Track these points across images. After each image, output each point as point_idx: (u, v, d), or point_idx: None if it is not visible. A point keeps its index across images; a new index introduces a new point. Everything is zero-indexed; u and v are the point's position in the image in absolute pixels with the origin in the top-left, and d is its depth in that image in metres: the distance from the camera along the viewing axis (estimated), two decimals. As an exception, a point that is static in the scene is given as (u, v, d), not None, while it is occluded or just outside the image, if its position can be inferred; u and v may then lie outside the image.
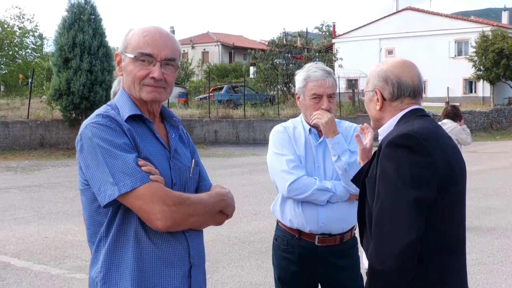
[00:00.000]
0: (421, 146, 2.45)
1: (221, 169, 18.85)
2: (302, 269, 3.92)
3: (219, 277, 7.40)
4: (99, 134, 2.39)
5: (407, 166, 2.42)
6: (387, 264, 2.38)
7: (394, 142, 2.49)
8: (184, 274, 2.56)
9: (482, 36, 47.92)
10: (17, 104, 30.59)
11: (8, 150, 23.07)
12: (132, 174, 2.35)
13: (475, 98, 52.36)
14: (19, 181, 16.32)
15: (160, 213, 2.36)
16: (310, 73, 3.92)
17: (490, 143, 32.01)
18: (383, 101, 2.75)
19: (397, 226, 2.37)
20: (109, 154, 2.36)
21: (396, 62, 2.79)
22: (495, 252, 8.58)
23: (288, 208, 3.93)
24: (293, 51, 43.57)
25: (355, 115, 34.68)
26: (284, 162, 3.84)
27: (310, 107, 3.90)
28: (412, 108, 2.72)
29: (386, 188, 2.45)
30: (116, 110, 2.54)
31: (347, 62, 46.28)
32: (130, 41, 2.57)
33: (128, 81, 2.58)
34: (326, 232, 3.86)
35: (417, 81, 2.75)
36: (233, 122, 29.34)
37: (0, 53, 30.88)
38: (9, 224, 10.61)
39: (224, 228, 10.13)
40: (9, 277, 7.43)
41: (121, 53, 2.60)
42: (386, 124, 2.76)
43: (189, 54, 70.52)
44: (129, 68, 2.56)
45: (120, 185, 2.33)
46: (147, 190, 2.35)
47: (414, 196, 2.38)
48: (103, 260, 2.44)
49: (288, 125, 4.08)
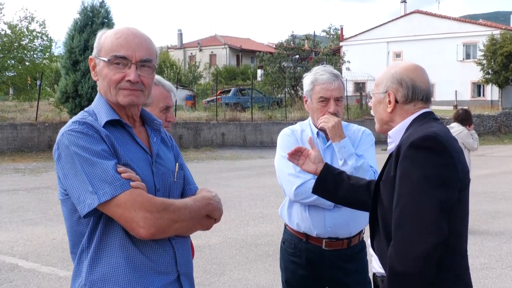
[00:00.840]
0: (444, 148, 2.46)
1: (228, 172, 18.85)
2: (309, 273, 3.91)
3: (226, 280, 7.40)
4: (76, 141, 2.31)
5: (431, 168, 2.43)
6: (409, 266, 2.37)
7: (416, 143, 2.48)
8: (172, 282, 2.48)
9: (491, 39, 47.76)
10: (25, 106, 30.72)
11: (16, 152, 23.13)
12: (112, 182, 2.26)
13: (484, 102, 52.21)
14: (27, 183, 16.37)
15: (142, 220, 2.27)
16: (317, 76, 3.90)
17: (498, 146, 31.92)
18: (395, 103, 2.76)
19: (421, 228, 2.38)
20: (87, 162, 2.28)
21: (409, 66, 2.80)
22: (504, 257, 8.54)
23: (295, 211, 3.92)
24: (300, 54, 43.57)
25: (362, 118, 34.63)
26: (291, 166, 3.80)
27: (317, 110, 3.90)
28: (424, 112, 2.73)
29: (409, 190, 2.44)
30: (94, 116, 2.46)
31: (355, 65, 46.25)
32: (103, 44, 2.49)
33: (104, 86, 2.49)
34: (333, 236, 3.84)
35: (429, 85, 2.78)
36: (241, 125, 29.34)
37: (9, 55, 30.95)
38: (17, 225, 10.64)
39: (231, 231, 10.14)
40: (17, 279, 7.45)
41: (95, 57, 2.52)
42: (398, 127, 2.76)
43: (197, 57, 70.59)
44: (104, 72, 2.48)
45: (99, 194, 2.25)
46: (128, 197, 2.27)
47: (440, 198, 2.39)
48: (87, 272, 2.35)
49: (296, 128, 4.07)
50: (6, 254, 8.67)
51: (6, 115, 25.89)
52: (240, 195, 14.21)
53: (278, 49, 43.91)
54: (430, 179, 2.41)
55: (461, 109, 10.81)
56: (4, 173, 18.41)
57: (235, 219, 11.16)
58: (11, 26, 30.64)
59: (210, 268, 7.93)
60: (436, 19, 58.50)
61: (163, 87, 3.39)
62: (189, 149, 26.51)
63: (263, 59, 43.08)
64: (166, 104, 3.39)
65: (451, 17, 59.83)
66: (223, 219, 10.33)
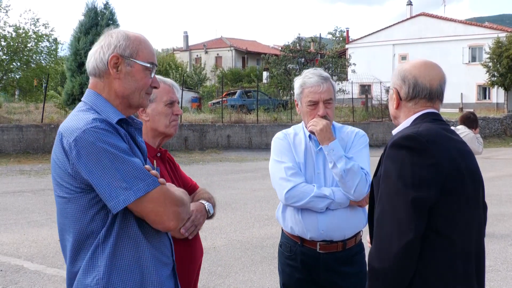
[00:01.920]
0: (425, 148, 2.46)
1: (234, 174, 18.85)
2: (305, 276, 3.89)
3: (232, 282, 7.40)
4: (103, 139, 2.35)
5: (408, 167, 2.44)
6: (386, 263, 2.41)
7: (397, 143, 2.51)
8: (171, 272, 2.64)
9: (497, 42, 47.67)
10: (31, 108, 30.78)
11: (22, 153, 23.18)
12: (144, 179, 2.37)
13: (489, 104, 52.11)
14: (32, 184, 16.40)
15: (173, 214, 2.43)
16: (306, 80, 3.89)
17: (504, 149, 31.85)
18: (399, 100, 2.76)
19: (397, 227, 2.41)
20: (118, 159, 2.35)
21: (417, 63, 2.78)
22: (509, 259, 8.51)
23: (288, 215, 3.91)
24: (306, 56, 43.58)
25: (368, 121, 34.63)
26: (282, 170, 3.82)
27: (307, 114, 3.88)
28: (427, 112, 2.71)
29: (388, 189, 2.48)
30: (96, 114, 2.48)
31: (361, 67, 46.22)
32: (139, 48, 2.58)
33: (131, 87, 2.57)
34: (327, 239, 3.82)
35: (437, 84, 2.72)
36: (246, 127, 29.36)
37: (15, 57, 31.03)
38: (22, 227, 10.65)
39: (236, 233, 10.14)
40: (22, 281, 7.46)
41: (125, 58, 2.55)
42: (400, 126, 2.76)
43: (203, 59, 70.63)
44: (139, 76, 2.57)
45: (134, 190, 2.34)
46: (159, 193, 2.40)
47: (413, 197, 2.40)
48: (106, 265, 2.41)
49: (289, 132, 4.06)
50: (12, 256, 8.69)
51: (12, 116, 25.98)
52: (246, 197, 14.21)
53: (284, 51, 43.95)
54: (405, 178, 2.43)
55: (467, 111, 10.77)
56: (9, 175, 18.45)
57: (240, 221, 11.15)
58: (17, 29, 30.71)
59: (216, 270, 7.93)
60: (442, 21, 58.43)
61: (164, 83, 3.41)
62: (195, 151, 26.53)
63: (268, 61, 43.13)
64: (170, 99, 3.40)
65: (457, 20, 59.74)
66: (229, 221, 10.36)
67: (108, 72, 2.55)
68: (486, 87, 53.36)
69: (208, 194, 3.60)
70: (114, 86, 2.56)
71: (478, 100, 54.81)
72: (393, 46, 58.83)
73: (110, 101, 2.56)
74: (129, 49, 2.56)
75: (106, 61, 2.54)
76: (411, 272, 2.43)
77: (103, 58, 2.54)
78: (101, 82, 2.57)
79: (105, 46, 2.56)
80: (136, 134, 2.63)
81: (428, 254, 2.45)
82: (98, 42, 2.60)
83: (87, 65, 2.62)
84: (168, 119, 3.39)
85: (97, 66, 2.56)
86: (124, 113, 2.57)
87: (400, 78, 2.76)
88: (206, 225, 3.50)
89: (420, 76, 2.71)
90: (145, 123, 3.35)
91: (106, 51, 2.54)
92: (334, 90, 3.97)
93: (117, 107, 2.56)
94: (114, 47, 2.55)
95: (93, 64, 2.57)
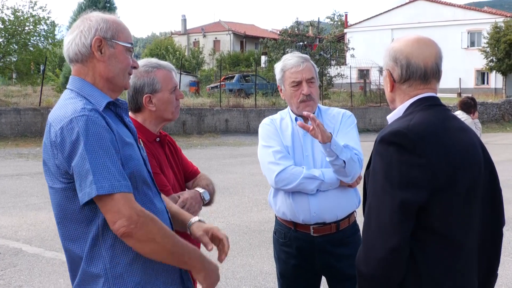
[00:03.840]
0: (415, 145, 2.30)
1: (232, 158, 18.87)
2: (301, 261, 3.88)
3: (230, 266, 7.42)
4: (88, 129, 2.32)
5: (396, 166, 2.29)
6: (372, 268, 2.31)
7: (385, 138, 2.36)
8: None
9: (495, 27, 47.58)
10: (29, 91, 30.73)
11: (19, 137, 23.17)
12: (110, 179, 2.30)
13: (487, 90, 52.12)
14: (30, 167, 16.41)
15: (127, 220, 2.31)
16: (286, 62, 3.89)
17: (501, 134, 31.89)
18: (393, 82, 2.58)
19: (382, 230, 2.28)
20: (94, 152, 2.31)
21: (409, 40, 2.56)
22: (506, 244, 8.53)
23: (280, 200, 3.89)
24: (305, 40, 43.45)
25: (366, 106, 34.63)
26: (271, 154, 3.81)
27: (292, 95, 3.86)
28: (423, 97, 2.52)
29: (374, 188, 2.35)
30: (84, 100, 2.46)
31: (359, 52, 46.08)
32: (119, 29, 2.58)
33: (116, 69, 2.57)
34: (320, 221, 3.80)
35: (432, 62, 2.52)
36: (244, 111, 29.35)
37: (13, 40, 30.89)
38: (20, 210, 10.68)
39: (234, 217, 10.17)
40: (21, 263, 7.49)
41: (107, 40, 2.54)
42: (395, 112, 2.60)
43: (201, 43, 70.34)
44: (121, 57, 2.58)
45: (97, 186, 2.29)
46: (121, 198, 2.31)
47: (400, 199, 2.26)
48: (112, 255, 2.42)
49: (275, 117, 4.06)
50: (10, 239, 8.71)
51: (10, 99, 25.95)
52: (244, 181, 14.23)
53: (282, 35, 43.77)
54: (393, 178, 2.28)
55: (466, 97, 10.73)
56: (7, 158, 18.46)
57: (238, 205, 11.18)
58: (15, 11, 30.55)
59: (213, 254, 7.94)
60: (441, 6, 58.25)
61: (164, 68, 3.36)
62: (193, 135, 26.53)
63: (267, 45, 42.99)
64: (174, 84, 3.38)
65: (456, 5, 59.54)
66: (227, 205, 10.37)
67: (92, 56, 2.53)
68: (485, 72, 53.35)
69: (206, 181, 3.58)
70: (98, 69, 2.55)
71: (477, 85, 54.79)
72: (391, 30, 58.63)
73: (95, 85, 2.55)
74: (110, 31, 2.55)
75: (89, 45, 2.52)
76: (400, 276, 2.31)
77: (85, 42, 2.52)
78: (84, 67, 2.55)
79: (85, 31, 2.53)
80: (123, 115, 2.63)
81: (422, 254, 2.34)
82: (76, 28, 2.57)
83: (67, 53, 2.57)
84: (173, 105, 3.36)
85: (80, 51, 2.53)
86: (110, 96, 2.57)
87: (391, 58, 2.56)
88: (204, 209, 3.49)
89: (413, 56, 2.51)
90: (150, 113, 3.32)
91: (88, 35, 2.53)
92: (315, 70, 3.94)
93: (102, 90, 2.55)
94: (96, 30, 2.53)
95: (75, 50, 2.54)
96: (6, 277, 6.99)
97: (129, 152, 2.49)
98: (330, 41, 42.75)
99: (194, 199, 3.31)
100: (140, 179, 2.52)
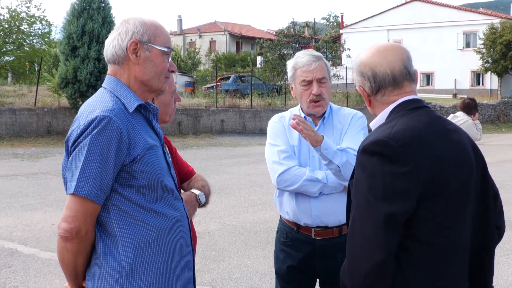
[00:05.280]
0: (398, 154, 2.21)
1: (228, 159, 18.86)
2: (300, 263, 3.83)
3: (226, 267, 7.42)
4: (102, 132, 2.39)
5: (380, 177, 2.20)
6: (357, 282, 2.24)
7: (368, 149, 2.27)
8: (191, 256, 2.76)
9: (491, 28, 47.66)
10: (24, 91, 30.64)
11: (15, 137, 23.13)
12: (93, 185, 2.37)
13: (483, 91, 52.15)
14: (26, 168, 16.38)
15: (75, 224, 2.40)
16: (297, 60, 3.83)
17: (497, 135, 31.96)
18: (368, 97, 2.52)
19: (366, 244, 2.20)
20: (92, 156, 2.38)
21: (370, 51, 2.51)
22: (502, 245, 8.55)
23: (285, 200, 3.85)
24: (301, 41, 43.50)
25: (362, 106, 34.59)
26: (276, 153, 3.76)
27: (302, 94, 3.81)
28: (402, 101, 2.44)
29: (358, 200, 2.26)
30: (116, 99, 2.54)
31: (355, 53, 45.95)
32: (156, 34, 2.62)
33: (151, 72, 2.61)
34: (321, 225, 3.75)
35: (399, 65, 2.45)
36: (240, 111, 29.35)
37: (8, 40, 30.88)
38: (16, 211, 10.65)
39: (230, 217, 10.16)
40: (16, 264, 7.47)
41: (143, 43, 2.59)
42: (376, 120, 2.51)
43: (197, 43, 70.38)
44: (157, 60, 2.61)
45: (76, 185, 2.37)
46: (87, 205, 2.39)
47: (386, 212, 2.17)
48: (133, 254, 2.48)
49: (285, 114, 3.99)
50: (5, 239, 8.69)
51: (5, 99, 25.86)
52: (239, 182, 14.23)
53: (278, 36, 43.84)
54: (377, 190, 2.19)
55: (467, 98, 10.68)
56: (2, 158, 18.42)
57: (234, 206, 11.18)
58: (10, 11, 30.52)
59: (209, 254, 7.95)
60: (436, 7, 58.28)
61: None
62: (188, 135, 26.52)
63: (263, 46, 43.05)
64: (175, 88, 3.38)
65: (451, 6, 59.57)
66: (223, 205, 10.36)
67: (128, 58, 2.59)
68: (480, 73, 53.37)
69: (202, 182, 3.56)
70: (134, 72, 2.60)
71: (472, 86, 54.82)
72: (387, 31, 58.66)
73: (129, 87, 2.60)
74: (147, 34, 2.60)
75: (125, 48, 2.58)
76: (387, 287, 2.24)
77: (121, 45, 2.59)
78: (120, 69, 2.62)
79: (123, 33, 2.60)
80: (153, 120, 2.67)
81: (409, 264, 2.27)
82: (115, 30, 2.65)
83: (106, 54, 2.65)
84: (172, 108, 3.36)
85: (116, 53, 2.60)
86: (142, 98, 2.62)
87: (359, 73, 2.51)
88: (200, 210, 3.48)
89: (377, 65, 2.44)
90: None
91: (125, 38, 2.59)
92: (328, 69, 3.87)
93: (136, 92, 2.60)
94: (132, 33, 2.59)
95: (112, 52, 2.61)
96: (1, 277, 6.97)
97: (150, 158, 2.52)
98: (326, 42, 42.81)
99: (189, 202, 3.30)
100: (159, 184, 2.55)
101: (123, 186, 2.46)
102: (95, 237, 2.48)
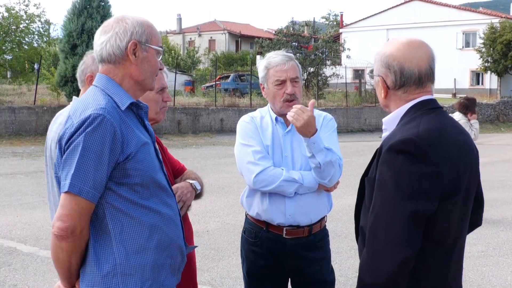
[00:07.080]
0: (425, 154, 2.24)
1: (227, 158, 18.87)
2: (270, 262, 3.83)
3: (225, 265, 7.42)
4: (96, 131, 2.37)
5: (406, 176, 2.22)
6: (379, 279, 2.25)
7: (395, 147, 2.27)
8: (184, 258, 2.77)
9: (491, 27, 47.66)
10: (23, 90, 30.65)
11: (14, 135, 23.12)
12: (86, 183, 2.37)
13: (482, 90, 52.18)
14: (25, 166, 16.38)
15: (69, 224, 2.39)
16: (270, 60, 3.83)
17: (496, 135, 31.98)
18: (387, 89, 2.50)
19: (392, 241, 2.23)
20: (87, 155, 2.37)
21: (400, 45, 2.48)
22: (501, 245, 8.57)
23: (256, 200, 3.83)
24: (300, 40, 43.49)
25: (361, 106, 34.63)
26: (250, 153, 3.76)
27: (275, 94, 3.79)
28: (422, 100, 2.44)
29: (383, 198, 2.27)
30: (108, 97, 2.52)
31: (355, 52, 46.12)
32: (152, 34, 2.62)
33: (147, 72, 2.62)
34: (294, 224, 3.76)
35: (426, 64, 2.44)
36: (239, 110, 29.33)
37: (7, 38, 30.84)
38: (15, 209, 10.65)
39: (229, 216, 10.16)
40: (16, 262, 7.47)
41: (142, 43, 2.58)
42: (391, 115, 2.52)
43: (196, 42, 70.38)
44: (153, 60, 2.62)
45: (69, 183, 2.36)
46: (81, 204, 2.38)
47: (412, 210, 2.21)
48: (127, 252, 2.48)
49: (255, 115, 3.98)
50: (5, 238, 8.69)
51: (4, 98, 25.89)
52: (239, 181, 14.19)
53: (277, 35, 43.80)
54: (404, 188, 2.22)
55: (463, 98, 10.65)
56: (2, 157, 18.41)
57: (233, 205, 11.16)
58: (8, 9, 30.48)
59: (209, 253, 7.95)
60: (436, 6, 58.31)
61: None
62: (188, 134, 26.52)
63: (262, 45, 43.00)
64: (161, 85, 3.38)
65: (451, 5, 59.59)
66: (222, 204, 10.32)
67: (125, 59, 2.57)
68: (479, 72, 53.41)
69: (195, 175, 3.57)
70: (130, 72, 2.59)
71: (471, 85, 54.86)
72: (387, 30, 58.67)
73: (121, 85, 2.58)
74: (145, 35, 2.59)
75: (124, 48, 2.55)
76: (404, 286, 2.28)
77: (120, 44, 2.55)
78: (115, 68, 2.58)
79: (121, 33, 2.56)
80: (144, 117, 2.67)
81: (420, 262, 2.31)
82: (110, 29, 2.58)
83: (100, 53, 2.59)
84: (158, 106, 3.36)
85: (114, 53, 2.56)
86: (134, 97, 2.62)
87: (384, 65, 2.48)
88: (199, 209, 3.49)
89: (406, 61, 2.43)
90: None
91: (123, 38, 2.55)
92: (300, 69, 3.89)
93: (128, 91, 2.59)
94: (131, 34, 2.56)
95: (109, 51, 2.56)
96: (1, 276, 6.97)
97: (143, 156, 2.51)
98: (326, 41, 42.80)
99: (185, 188, 3.31)
100: (152, 181, 2.54)
101: (117, 184, 2.45)
102: (89, 235, 2.48)
